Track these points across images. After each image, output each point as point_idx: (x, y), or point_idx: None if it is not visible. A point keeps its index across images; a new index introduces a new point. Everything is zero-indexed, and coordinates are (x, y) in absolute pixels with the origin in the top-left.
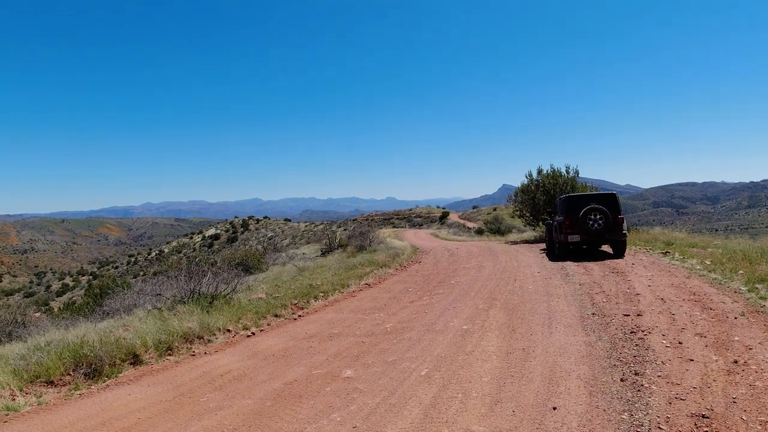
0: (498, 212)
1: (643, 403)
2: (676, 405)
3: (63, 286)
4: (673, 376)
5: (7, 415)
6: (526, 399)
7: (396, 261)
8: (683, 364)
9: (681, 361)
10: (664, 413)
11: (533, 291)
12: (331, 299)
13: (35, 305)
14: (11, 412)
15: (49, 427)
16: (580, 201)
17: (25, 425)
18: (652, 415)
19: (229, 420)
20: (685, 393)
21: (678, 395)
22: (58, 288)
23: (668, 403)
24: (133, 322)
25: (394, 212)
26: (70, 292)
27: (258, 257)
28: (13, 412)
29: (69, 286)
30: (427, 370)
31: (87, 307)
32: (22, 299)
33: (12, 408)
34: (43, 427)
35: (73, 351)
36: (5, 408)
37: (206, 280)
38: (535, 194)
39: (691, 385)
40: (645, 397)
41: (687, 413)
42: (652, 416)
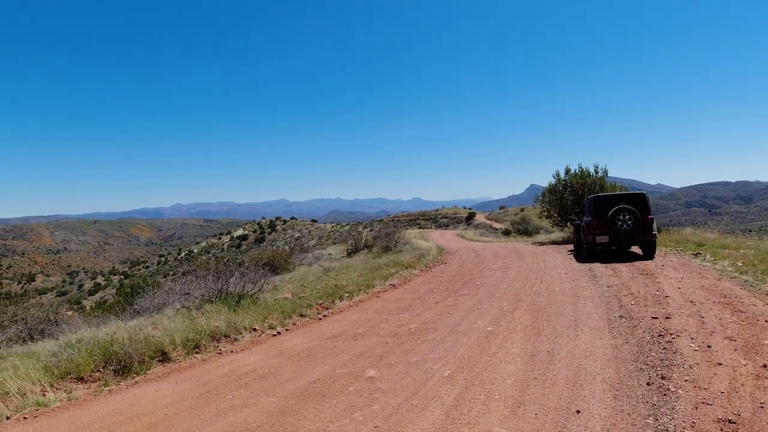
0: (525, 213)
1: (669, 408)
2: (702, 410)
3: (95, 285)
4: (701, 380)
5: (37, 410)
6: (549, 402)
7: (421, 262)
8: (711, 368)
9: (709, 365)
10: (690, 418)
11: (560, 293)
12: (356, 299)
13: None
14: (41, 407)
15: (78, 422)
16: (609, 201)
17: (55, 420)
18: (678, 419)
19: (253, 417)
20: (712, 397)
21: (705, 400)
22: (90, 287)
23: (695, 407)
24: (162, 320)
25: (420, 213)
26: (101, 291)
27: (285, 258)
28: (44, 408)
29: (101, 286)
30: (450, 371)
31: (118, 306)
32: (55, 298)
33: (42, 403)
34: (72, 422)
35: (104, 348)
36: (36, 403)
37: (234, 279)
38: (563, 194)
39: (718, 389)
40: (671, 401)
41: (713, 418)
42: (678, 421)
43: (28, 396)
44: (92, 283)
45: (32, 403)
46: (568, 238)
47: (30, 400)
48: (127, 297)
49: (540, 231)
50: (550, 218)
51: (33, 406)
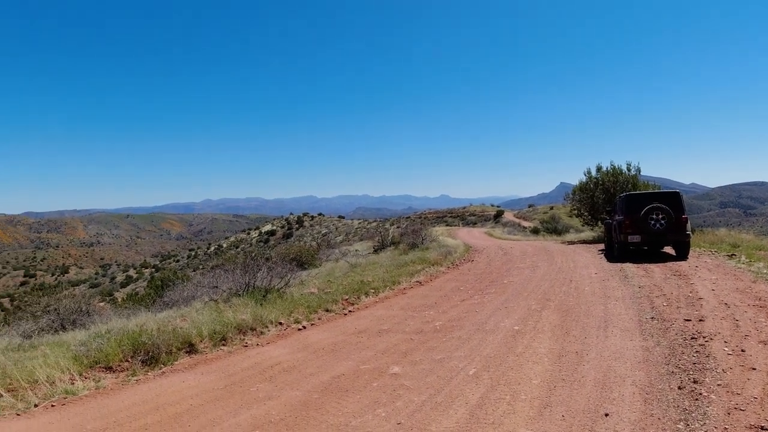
0: (555, 211)
1: (701, 413)
2: (734, 415)
3: (127, 277)
4: (734, 386)
5: (65, 398)
6: (577, 404)
7: (448, 259)
8: (745, 372)
9: (743, 370)
10: (722, 424)
11: (589, 293)
12: (382, 296)
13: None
14: (70, 395)
15: (105, 410)
16: (642, 200)
17: (83, 408)
18: (709, 425)
19: (276, 410)
20: (745, 403)
21: (738, 405)
22: (122, 279)
23: (727, 413)
24: (190, 312)
25: (447, 210)
26: (133, 284)
27: (311, 253)
28: (72, 396)
29: (132, 278)
30: (475, 369)
31: (149, 298)
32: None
33: (71, 392)
34: (100, 410)
35: (132, 339)
36: (64, 391)
37: (261, 274)
38: (594, 192)
39: (752, 395)
40: (703, 406)
41: (746, 424)
42: (709, 427)
43: (56, 384)
44: (124, 275)
45: (61, 391)
46: (598, 237)
47: (58, 388)
48: (157, 289)
49: (569, 230)
50: (581, 217)
51: (61, 394)
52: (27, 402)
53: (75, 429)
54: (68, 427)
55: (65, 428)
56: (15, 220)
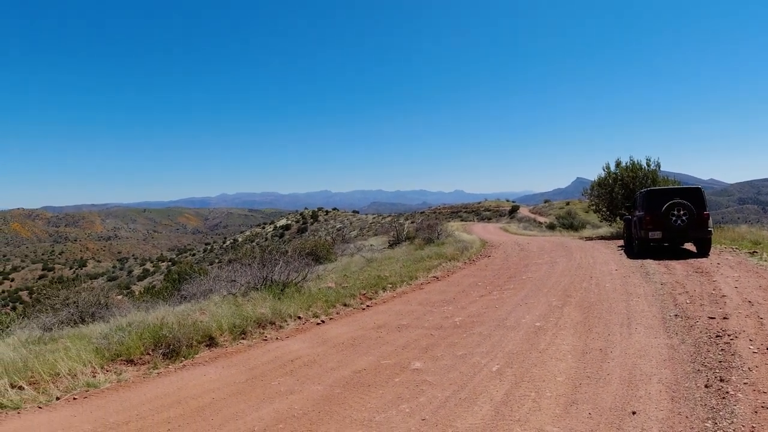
0: (571, 207)
1: (728, 411)
2: (762, 414)
3: (144, 271)
4: (761, 384)
5: (87, 391)
6: (603, 401)
7: (464, 254)
8: None
9: None
10: (749, 423)
11: (611, 289)
12: (399, 291)
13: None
14: (92, 388)
15: (128, 403)
16: (663, 195)
17: (105, 401)
18: (737, 424)
19: (299, 404)
20: None
21: (765, 404)
22: (140, 273)
23: (754, 412)
24: (209, 306)
25: (462, 205)
26: (150, 277)
27: (327, 248)
28: (94, 389)
29: (149, 272)
30: (498, 366)
31: (166, 292)
32: (106, 283)
33: (93, 384)
34: (122, 403)
35: (153, 332)
36: (86, 384)
37: (278, 268)
38: (613, 188)
39: None
40: (730, 405)
41: None
42: (737, 425)
43: (78, 377)
44: (141, 269)
45: (83, 384)
46: (616, 233)
47: (80, 381)
48: (174, 283)
49: (586, 226)
50: (599, 212)
51: (83, 387)
52: (49, 395)
53: (97, 422)
54: (90, 420)
55: (88, 421)
56: (34, 215)
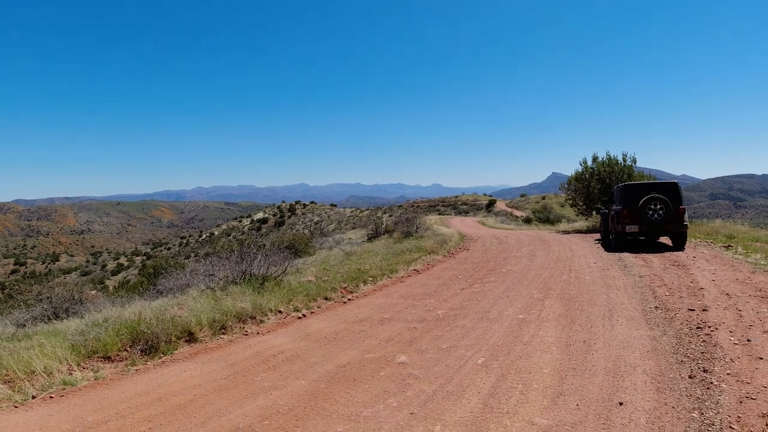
0: (547, 201)
1: (714, 402)
2: (747, 404)
3: (118, 265)
4: (743, 375)
5: (64, 389)
6: (590, 393)
7: (444, 248)
8: (753, 362)
9: (750, 359)
10: (735, 412)
11: (590, 282)
12: (380, 284)
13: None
14: (68, 386)
15: (106, 401)
16: (640, 190)
17: (82, 399)
18: (723, 414)
19: (284, 400)
20: (755, 392)
21: (749, 394)
22: (113, 267)
23: (739, 402)
24: (187, 301)
25: (439, 199)
26: (124, 272)
27: (305, 241)
28: (70, 387)
29: (124, 266)
30: (483, 358)
31: (141, 286)
32: (79, 277)
33: (69, 382)
34: (100, 401)
35: (130, 328)
36: (62, 382)
37: (257, 261)
38: (590, 182)
39: (761, 384)
40: (715, 395)
41: (758, 413)
42: (723, 415)
43: (54, 375)
44: (115, 263)
45: (59, 381)
46: (593, 227)
47: (56, 378)
48: (150, 277)
49: (562, 220)
50: (576, 206)
51: (59, 384)
52: (24, 393)
53: (75, 421)
54: (68, 420)
55: (65, 420)
56: (4, 208)
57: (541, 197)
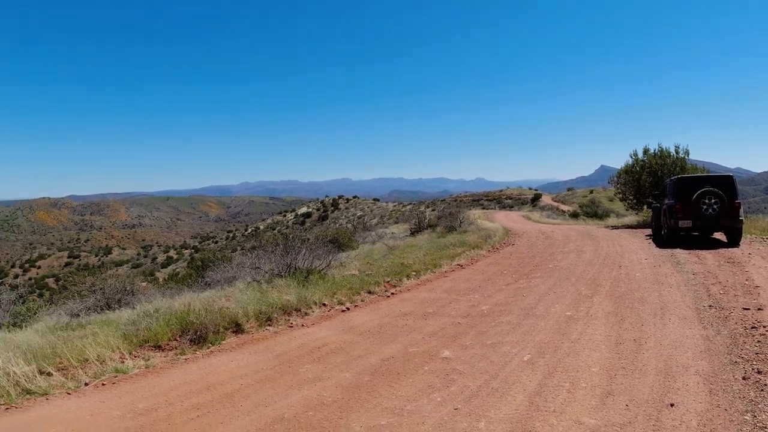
0: (595, 195)
1: (767, 404)
2: None
3: (167, 258)
4: None
5: (116, 377)
6: (640, 393)
7: (488, 243)
8: None
9: None
10: None
11: (641, 279)
12: (423, 278)
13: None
14: (120, 374)
15: (156, 389)
16: (693, 183)
17: (133, 387)
18: None
19: (328, 392)
20: None
21: None
22: (163, 260)
23: None
24: (234, 293)
25: (483, 193)
26: (174, 264)
27: (348, 235)
28: (122, 374)
29: (173, 259)
30: (529, 355)
31: (190, 278)
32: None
33: (121, 370)
34: (150, 389)
35: (180, 318)
36: (114, 370)
37: (302, 255)
38: (641, 175)
39: None
40: None
41: None
42: None
43: (107, 363)
44: (165, 256)
45: (111, 369)
46: (643, 222)
47: (109, 366)
48: (198, 270)
49: (611, 214)
50: (625, 201)
51: (112, 372)
52: (78, 381)
53: (126, 407)
54: (119, 406)
55: (116, 407)
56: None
57: (589, 191)
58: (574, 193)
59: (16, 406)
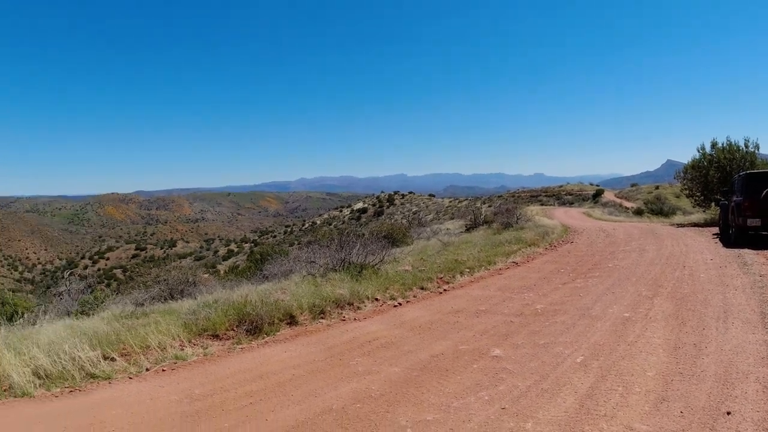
0: (660, 191)
1: None
2: None
3: (228, 251)
4: None
5: (175, 363)
6: (696, 400)
7: (545, 240)
8: None
9: None
10: None
11: (705, 280)
12: (477, 276)
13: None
14: (179, 360)
15: (212, 376)
16: (764, 179)
17: (191, 373)
18: None
19: (376, 385)
20: None
21: None
22: (224, 253)
23: None
24: (289, 286)
25: (542, 189)
26: (234, 257)
27: (403, 231)
28: (181, 361)
29: (233, 252)
30: (583, 357)
31: (249, 271)
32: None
33: (180, 357)
34: (207, 376)
35: (237, 309)
36: (174, 357)
37: (356, 250)
38: (708, 171)
39: None
40: None
41: None
42: None
43: (167, 350)
44: (226, 249)
45: (171, 356)
46: (710, 219)
47: (169, 353)
48: (256, 263)
49: (677, 212)
50: (692, 197)
51: (171, 359)
52: (139, 366)
53: (183, 393)
54: (177, 391)
55: (174, 392)
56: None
57: (654, 187)
58: (638, 189)
59: (80, 389)
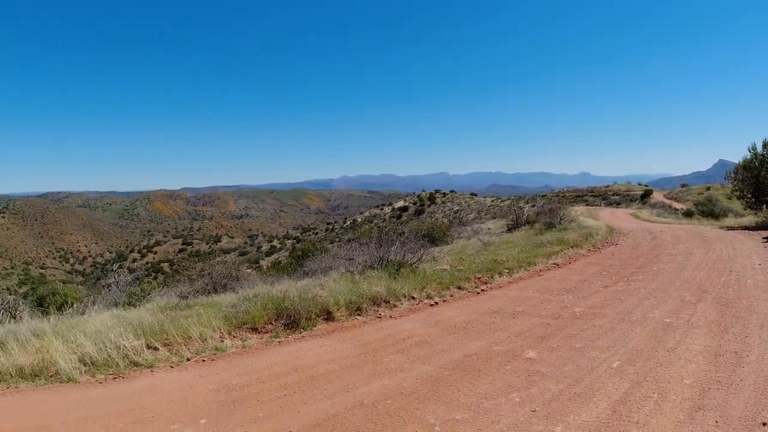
0: (712, 192)
1: None
2: None
3: (271, 247)
4: None
5: (215, 354)
6: (732, 410)
7: (589, 241)
8: None
9: None
10: None
11: (752, 286)
12: (516, 276)
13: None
14: (219, 352)
15: (250, 368)
16: None
17: (229, 364)
18: None
19: (408, 382)
20: None
21: None
22: (267, 249)
23: None
24: (328, 282)
25: (587, 189)
26: (276, 253)
27: (443, 230)
28: (221, 353)
29: (276, 248)
30: (619, 362)
31: (290, 267)
32: (237, 257)
33: (220, 348)
34: (244, 367)
35: (276, 303)
36: (214, 348)
37: (394, 248)
38: (760, 171)
39: None
40: None
41: None
42: None
43: (208, 341)
44: (269, 245)
45: (211, 347)
46: (762, 223)
47: (209, 344)
48: (298, 259)
49: (728, 214)
50: (742, 199)
51: (211, 350)
52: (180, 356)
53: (221, 383)
54: (215, 381)
55: (213, 382)
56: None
57: (705, 188)
58: (688, 189)
59: (123, 376)
